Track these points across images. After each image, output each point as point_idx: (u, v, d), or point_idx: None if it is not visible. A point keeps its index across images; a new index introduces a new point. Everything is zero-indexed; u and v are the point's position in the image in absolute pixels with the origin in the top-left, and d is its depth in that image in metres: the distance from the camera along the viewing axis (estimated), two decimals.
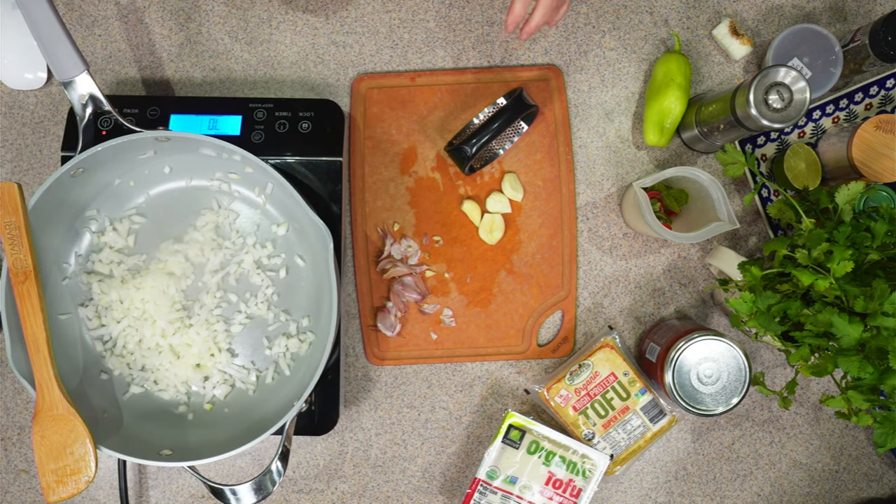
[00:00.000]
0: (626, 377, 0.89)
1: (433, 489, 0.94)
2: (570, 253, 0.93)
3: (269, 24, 0.95)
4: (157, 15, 0.95)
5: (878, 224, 0.75)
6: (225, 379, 0.85)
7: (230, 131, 0.87)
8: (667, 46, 0.95)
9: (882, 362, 0.70)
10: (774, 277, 0.80)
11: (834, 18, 0.95)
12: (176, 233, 0.86)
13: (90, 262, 0.84)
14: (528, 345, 0.93)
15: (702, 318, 0.95)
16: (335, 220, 0.88)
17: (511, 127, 0.89)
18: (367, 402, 0.94)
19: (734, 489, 0.94)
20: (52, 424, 0.72)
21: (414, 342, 0.93)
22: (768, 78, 0.79)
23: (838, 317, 0.71)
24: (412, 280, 0.91)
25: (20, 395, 0.93)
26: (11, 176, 0.94)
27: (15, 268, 0.72)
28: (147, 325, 0.83)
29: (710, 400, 0.83)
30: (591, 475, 0.87)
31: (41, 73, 0.93)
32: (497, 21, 0.95)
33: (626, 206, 0.92)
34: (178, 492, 0.93)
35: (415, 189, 0.93)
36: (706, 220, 0.85)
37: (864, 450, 0.95)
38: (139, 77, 0.94)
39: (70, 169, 0.76)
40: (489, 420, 0.94)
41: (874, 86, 0.92)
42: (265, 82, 0.94)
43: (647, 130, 0.92)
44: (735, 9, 0.95)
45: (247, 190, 0.87)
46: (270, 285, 0.86)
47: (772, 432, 0.94)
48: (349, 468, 0.93)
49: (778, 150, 0.93)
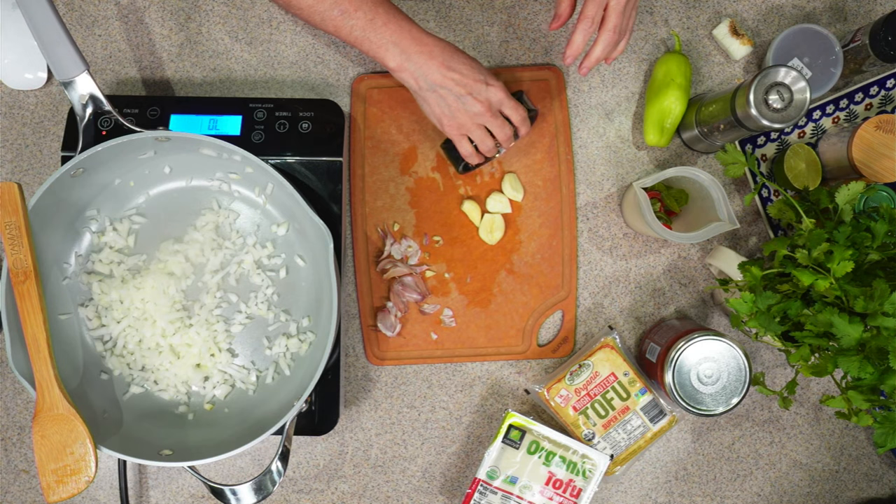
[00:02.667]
0: (627, 377, 0.89)
1: (433, 489, 0.94)
2: (570, 253, 0.93)
3: (269, 24, 0.95)
4: (157, 15, 0.95)
5: (878, 224, 0.75)
6: (225, 379, 0.85)
7: (230, 131, 0.87)
8: (667, 46, 0.95)
9: (882, 362, 0.70)
10: (774, 277, 0.80)
11: (834, 18, 0.95)
12: (176, 233, 0.86)
13: (90, 262, 0.84)
14: (528, 345, 0.93)
15: (702, 318, 0.95)
16: (335, 220, 0.88)
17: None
18: (367, 402, 0.94)
19: (734, 489, 0.94)
20: (52, 424, 0.72)
21: (414, 342, 0.93)
22: (768, 78, 0.79)
23: (838, 317, 0.71)
24: (412, 280, 0.91)
25: (20, 395, 0.93)
26: (11, 176, 0.94)
27: (15, 268, 0.72)
28: (147, 325, 0.83)
29: (710, 400, 0.83)
30: (592, 475, 0.87)
31: (41, 73, 0.93)
32: (497, 21, 0.95)
33: (626, 206, 0.92)
34: (178, 492, 0.93)
35: (415, 189, 0.93)
36: (706, 220, 0.85)
37: (865, 450, 0.95)
38: (139, 77, 0.94)
39: (70, 169, 0.76)
40: (489, 420, 0.94)
41: (874, 86, 0.92)
42: (265, 82, 0.94)
43: (647, 130, 0.92)
44: (735, 9, 0.95)
45: (247, 190, 0.87)
46: (270, 285, 0.86)
47: (772, 432, 0.94)
48: (349, 468, 0.93)
49: (778, 150, 0.93)
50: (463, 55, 0.77)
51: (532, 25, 0.95)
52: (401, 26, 0.73)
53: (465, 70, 0.75)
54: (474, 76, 0.76)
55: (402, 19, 0.74)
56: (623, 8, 0.74)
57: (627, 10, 0.75)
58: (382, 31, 0.73)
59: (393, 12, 0.74)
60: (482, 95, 0.76)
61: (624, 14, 0.74)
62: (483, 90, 0.76)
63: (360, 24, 0.73)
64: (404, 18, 0.75)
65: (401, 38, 0.73)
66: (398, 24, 0.73)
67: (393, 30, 0.73)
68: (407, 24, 0.74)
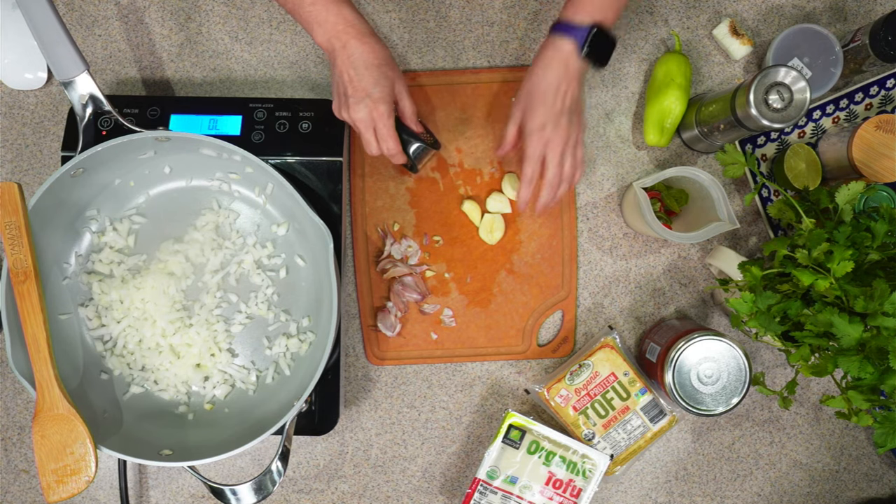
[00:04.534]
0: (627, 377, 0.89)
1: (433, 489, 0.94)
2: (570, 253, 0.93)
3: (269, 24, 0.95)
4: (157, 15, 0.95)
5: (878, 224, 0.75)
6: (225, 379, 0.85)
7: (230, 131, 0.87)
8: (667, 46, 0.95)
9: (882, 362, 0.70)
10: (774, 277, 0.80)
11: (834, 18, 0.95)
12: (176, 233, 0.86)
13: (90, 262, 0.84)
14: (528, 345, 0.93)
15: (702, 318, 0.95)
16: (335, 220, 0.88)
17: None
18: (367, 402, 0.94)
19: (734, 489, 0.94)
20: (52, 424, 0.72)
21: (414, 342, 0.93)
22: (768, 78, 0.79)
23: (838, 317, 0.71)
24: (412, 280, 0.91)
25: (20, 395, 0.93)
26: (11, 176, 0.94)
27: (15, 268, 0.72)
28: (147, 325, 0.83)
29: (710, 400, 0.83)
30: (592, 475, 0.87)
31: (41, 73, 0.93)
32: (497, 21, 0.95)
33: (626, 206, 0.92)
34: (178, 492, 0.93)
35: (415, 189, 0.93)
36: (706, 220, 0.85)
37: (865, 450, 0.95)
38: (139, 77, 0.94)
39: (70, 169, 0.76)
40: (489, 420, 0.94)
41: (874, 86, 0.92)
42: (265, 82, 0.94)
43: (648, 130, 0.92)
44: (735, 9, 0.95)
45: (247, 190, 0.87)
46: (270, 285, 0.86)
47: (772, 432, 0.94)
48: (349, 468, 0.93)
49: (778, 150, 0.93)
50: (374, 59, 0.75)
51: (532, 25, 0.95)
52: (327, 8, 0.74)
53: (363, 75, 0.75)
54: (363, 86, 0.75)
55: (331, 1, 0.74)
56: (559, 160, 0.79)
57: (567, 157, 0.80)
58: (310, 9, 0.74)
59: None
60: (358, 105, 0.76)
61: (562, 164, 0.80)
62: (360, 102, 0.76)
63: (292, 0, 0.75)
64: (334, 1, 0.74)
65: (325, 20, 0.74)
66: (325, 6, 0.74)
67: (319, 10, 0.74)
68: (335, 7, 0.74)
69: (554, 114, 0.77)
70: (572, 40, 0.75)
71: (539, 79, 0.77)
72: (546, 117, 0.77)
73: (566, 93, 0.77)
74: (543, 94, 0.77)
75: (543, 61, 0.77)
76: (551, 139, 0.78)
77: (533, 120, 0.78)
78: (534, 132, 0.78)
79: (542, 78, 0.77)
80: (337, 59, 0.75)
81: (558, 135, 0.78)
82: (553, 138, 0.78)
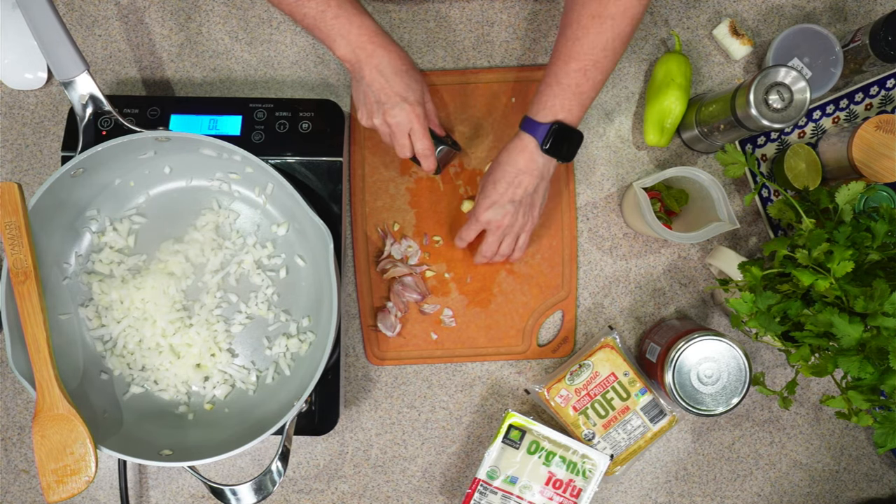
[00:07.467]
0: (627, 377, 0.89)
1: (433, 489, 0.94)
2: (570, 253, 0.93)
3: (269, 24, 0.95)
4: (157, 15, 0.95)
5: (878, 224, 0.75)
6: (225, 379, 0.85)
7: (230, 131, 0.87)
8: (667, 46, 0.95)
9: (882, 362, 0.70)
10: (774, 277, 0.80)
11: (834, 18, 0.95)
12: (176, 233, 0.86)
13: (90, 262, 0.84)
14: (528, 345, 0.93)
15: (702, 318, 0.95)
16: (335, 220, 0.88)
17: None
18: (367, 402, 0.94)
19: (734, 489, 0.94)
20: (52, 424, 0.72)
21: (414, 342, 0.93)
22: (768, 78, 0.79)
23: (838, 317, 0.71)
24: (412, 280, 0.91)
25: (20, 395, 0.93)
26: (11, 176, 0.94)
27: (15, 268, 0.72)
28: (147, 325, 0.83)
29: (710, 400, 0.83)
30: (592, 475, 0.87)
31: (41, 73, 0.93)
32: (497, 21, 0.95)
33: (626, 206, 0.92)
34: (178, 492, 0.93)
35: (415, 189, 0.93)
36: (706, 220, 0.85)
37: (865, 450, 0.95)
38: (139, 77, 0.94)
39: (70, 169, 0.76)
40: (489, 420, 0.94)
41: (874, 86, 0.92)
42: (265, 82, 0.94)
43: (648, 130, 0.92)
44: (735, 9, 0.95)
45: (247, 190, 0.87)
46: (270, 285, 0.86)
47: (772, 432, 0.94)
48: (349, 468, 0.93)
49: (778, 150, 0.93)
50: (401, 65, 0.77)
51: (532, 25, 0.95)
52: (350, 20, 0.75)
53: (394, 81, 0.76)
54: (397, 91, 0.77)
55: (353, 14, 0.75)
56: (496, 240, 0.85)
57: (507, 240, 0.85)
58: (333, 23, 0.75)
59: (345, 6, 0.75)
60: (394, 110, 0.77)
61: (498, 243, 0.85)
62: (396, 106, 0.77)
63: (312, 14, 0.75)
64: (356, 13, 0.75)
65: (348, 32, 0.75)
66: (348, 18, 0.75)
67: (343, 23, 0.74)
68: (357, 19, 0.75)
69: (502, 201, 0.81)
70: (533, 137, 0.78)
71: (498, 165, 0.81)
72: (493, 201, 0.82)
73: (519, 185, 0.80)
74: (497, 181, 0.81)
75: (508, 151, 0.81)
76: (492, 220, 0.83)
77: (483, 200, 0.82)
78: (480, 211, 0.83)
79: (501, 165, 0.81)
80: (364, 68, 0.76)
81: (504, 220, 0.82)
82: (494, 220, 0.83)
